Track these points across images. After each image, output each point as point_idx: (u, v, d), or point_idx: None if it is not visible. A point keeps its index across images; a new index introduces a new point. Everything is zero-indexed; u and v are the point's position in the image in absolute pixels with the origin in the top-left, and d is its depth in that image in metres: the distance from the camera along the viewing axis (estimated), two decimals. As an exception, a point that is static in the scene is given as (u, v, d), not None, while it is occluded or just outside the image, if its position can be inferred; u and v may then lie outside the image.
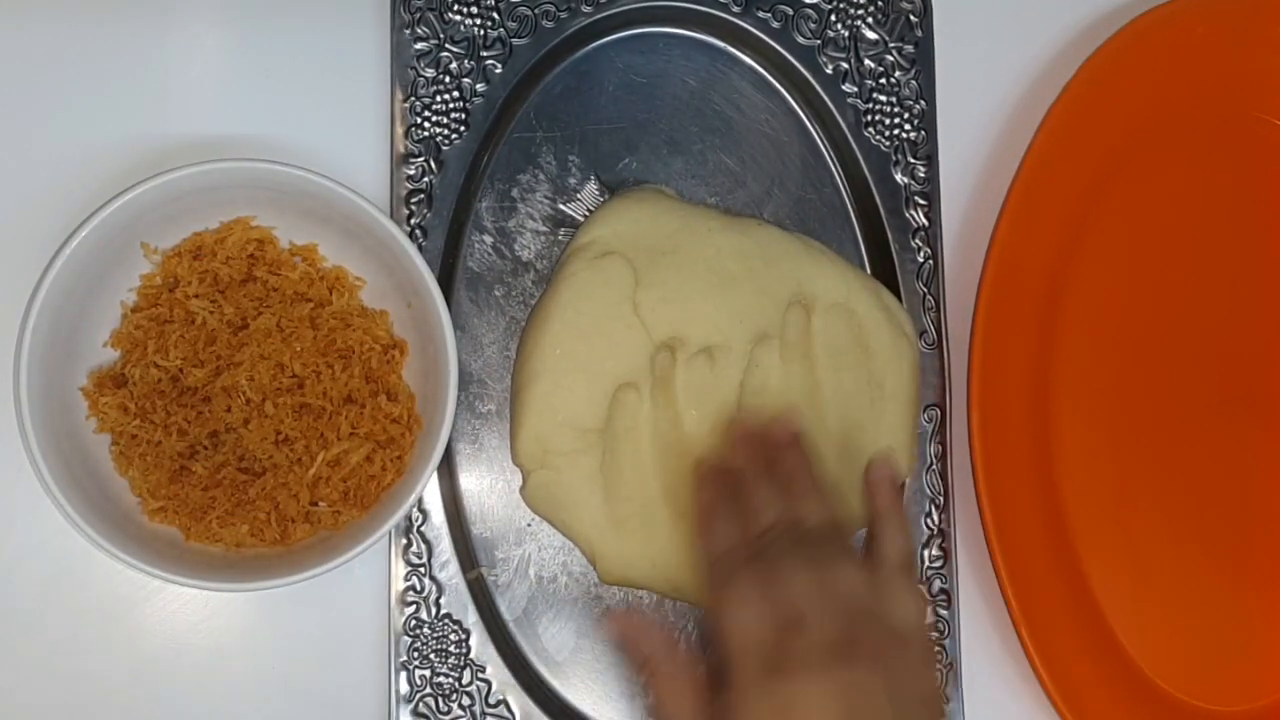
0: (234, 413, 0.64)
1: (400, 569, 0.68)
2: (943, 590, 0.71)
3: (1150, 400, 0.76)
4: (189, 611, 0.68)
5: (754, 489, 0.65)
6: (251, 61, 0.71)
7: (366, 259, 0.67)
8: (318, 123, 0.70)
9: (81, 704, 0.67)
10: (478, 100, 0.70)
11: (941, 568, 0.71)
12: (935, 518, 0.72)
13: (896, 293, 0.72)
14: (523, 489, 0.69)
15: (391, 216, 0.69)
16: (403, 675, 0.67)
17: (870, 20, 0.74)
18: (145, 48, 0.70)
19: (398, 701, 0.67)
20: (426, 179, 0.70)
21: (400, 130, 0.70)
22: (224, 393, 0.64)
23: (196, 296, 0.65)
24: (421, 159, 0.70)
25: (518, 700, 0.68)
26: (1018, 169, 0.73)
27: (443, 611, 0.68)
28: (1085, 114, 0.74)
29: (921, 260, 0.73)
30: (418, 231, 0.69)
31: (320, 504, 0.66)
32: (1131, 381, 0.76)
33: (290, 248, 0.68)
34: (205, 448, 0.65)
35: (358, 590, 0.69)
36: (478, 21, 0.71)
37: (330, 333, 0.66)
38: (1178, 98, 0.77)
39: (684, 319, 0.69)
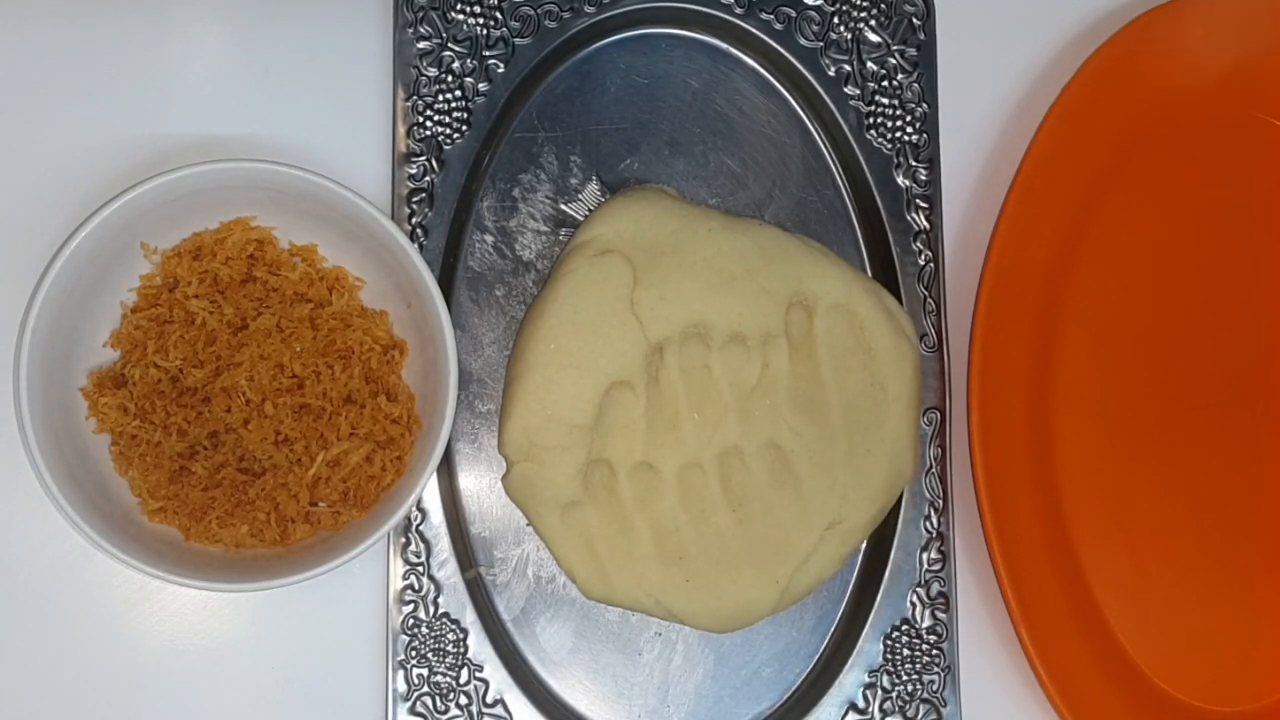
0: (234, 413, 0.64)
1: (399, 568, 0.68)
2: (941, 593, 0.71)
3: (1150, 400, 0.76)
4: (189, 611, 0.68)
5: None
6: (252, 61, 0.70)
7: (366, 259, 0.67)
8: (318, 122, 0.70)
9: (81, 704, 0.67)
10: (480, 100, 0.70)
11: (940, 570, 0.71)
12: (934, 520, 0.71)
13: (897, 295, 0.72)
14: (504, 478, 0.69)
15: (392, 216, 0.69)
16: (400, 674, 0.67)
17: (873, 23, 0.73)
18: (145, 48, 0.70)
19: (395, 700, 0.67)
20: (428, 178, 0.69)
21: (402, 129, 0.70)
22: (224, 393, 0.64)
23: (196, 297, 0.65)
24: (423, 158, 0.70)
25: (515, 700, 0.68)
26: (1017, 170, 0.73)
27: (441, 611, 0.68)
28: (1085, 114, 0.74)
29: (922, 263, 0.73)
30: (419, 231, 0.69)
31: (320, 504, 0.66)
32: (1131, 382, 0.76)
33: (290, 248, 0.67)
34: (205, 448, 0.65)
35: (356, 589, 0.69)
36: (480, 21, 0.71)
37: (330, 333, 0.66)
38: (1178, 98, 0.77)
39: (682, 319, 0.69)
